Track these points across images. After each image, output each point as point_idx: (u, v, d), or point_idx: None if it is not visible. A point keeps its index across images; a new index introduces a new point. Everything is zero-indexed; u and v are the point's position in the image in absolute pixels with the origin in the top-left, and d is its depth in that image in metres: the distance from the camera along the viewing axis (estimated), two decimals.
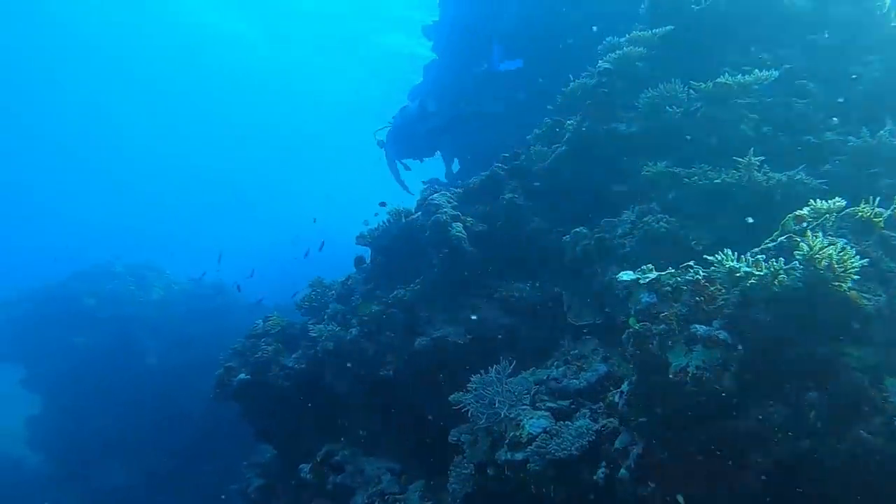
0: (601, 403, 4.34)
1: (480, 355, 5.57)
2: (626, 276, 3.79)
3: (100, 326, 17.05)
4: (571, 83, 6.44)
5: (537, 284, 5.58)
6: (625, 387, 3.75)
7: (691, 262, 3.69)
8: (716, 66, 5.47)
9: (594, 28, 9.39)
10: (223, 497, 12.74)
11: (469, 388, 4.47)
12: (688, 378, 3.26)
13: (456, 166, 12.70)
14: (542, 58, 9.95)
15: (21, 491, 15.94)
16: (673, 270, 3.66)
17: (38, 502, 15.43)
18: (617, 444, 3.69)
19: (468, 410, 4.40)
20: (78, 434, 15.64)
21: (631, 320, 3.71)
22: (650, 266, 3.78)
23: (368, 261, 6.56)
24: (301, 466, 6.05)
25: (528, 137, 7.27)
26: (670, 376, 3.33)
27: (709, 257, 3.45)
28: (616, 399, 3.81)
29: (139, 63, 36.05)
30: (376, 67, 30.68)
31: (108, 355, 16.35)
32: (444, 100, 12.08)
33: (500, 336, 5.51)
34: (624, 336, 3.60)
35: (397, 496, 5.52)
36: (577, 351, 4.73)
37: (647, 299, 3.65)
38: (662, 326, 3.43)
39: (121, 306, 17.61)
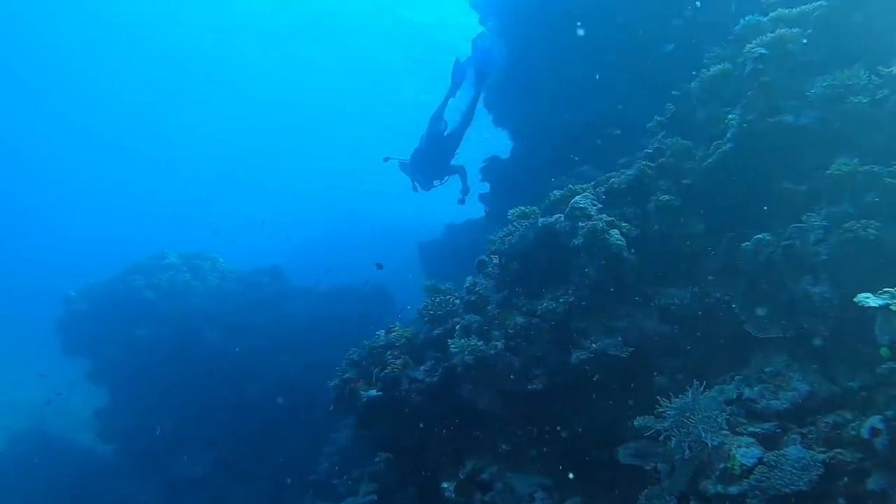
0: (811, 427, 4.04)
1: (638, 367, 5.31)
2: (871, 300, 3.43)
3: (160, 318, 17.08)
4: (710, 69, 5.98)
5: (696, 290, 5.24)
6: (875, 422, 3.44)
7: None
8: (888, 46, 4.99)
9: (697, 3, 8.81)
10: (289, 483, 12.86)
11: (665, 415, 4.19)
12: None
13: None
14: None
15: (96, 482, 16.18)
16: None
17: (113, 493, 15.70)
18: (870, 485, 3.39)
19: (666, 438, 4.13)
20: (145, 425, 15.76)
21: (883, 351, 3.39)
22: None
23: (495, 265, 6.25)
24: (443, 486, 5.84)
25: (648, 125, 6.85)
26: None
27: None
28: (865, 434, 3.49)
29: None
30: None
31: (170, 346, 16.40)
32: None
33: (659, 347, 5.21)
34: (883, 369, 3.28)
35: None
36: (771, 368, 4.40)
37: None
38: None
39: (178, 297, 17.61)
